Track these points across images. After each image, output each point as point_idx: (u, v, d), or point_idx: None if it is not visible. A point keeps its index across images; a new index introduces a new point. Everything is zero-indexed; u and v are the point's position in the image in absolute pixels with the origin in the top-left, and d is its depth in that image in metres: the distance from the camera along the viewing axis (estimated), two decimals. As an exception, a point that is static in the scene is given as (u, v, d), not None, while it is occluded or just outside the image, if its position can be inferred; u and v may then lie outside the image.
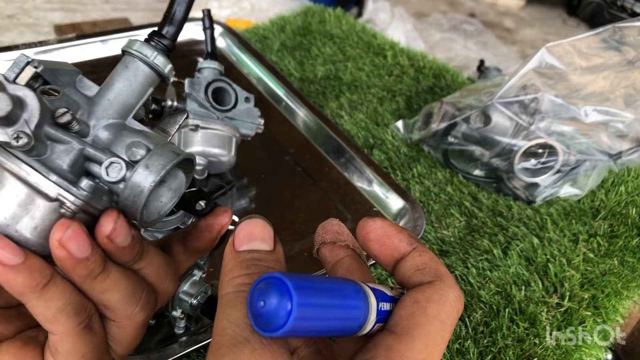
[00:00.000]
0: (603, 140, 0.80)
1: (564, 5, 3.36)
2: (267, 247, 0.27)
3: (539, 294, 0.65)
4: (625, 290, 0.71)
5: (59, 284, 0.31)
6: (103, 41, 0.92)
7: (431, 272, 0.29)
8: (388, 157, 0.84)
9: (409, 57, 1.06)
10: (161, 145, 0.33)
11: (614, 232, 0.76)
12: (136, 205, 0.32)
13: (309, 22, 1.12)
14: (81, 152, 0.32)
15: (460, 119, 0.79)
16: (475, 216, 0.76)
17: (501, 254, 0.69)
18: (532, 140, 0.75)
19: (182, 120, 0.38)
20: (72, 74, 0.35)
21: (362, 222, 0.32)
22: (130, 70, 0.35)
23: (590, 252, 0.72)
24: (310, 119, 0.86)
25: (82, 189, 0.31)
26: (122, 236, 0.31)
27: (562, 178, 0.79)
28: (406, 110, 0.94)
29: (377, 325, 0.27)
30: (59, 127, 0.32)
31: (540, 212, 0.77)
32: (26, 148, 0.29)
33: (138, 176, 0.32)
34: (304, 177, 0.79)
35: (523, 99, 0.76)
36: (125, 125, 0.34)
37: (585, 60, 0.79)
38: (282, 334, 0.22)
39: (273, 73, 0.93)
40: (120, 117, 0.35)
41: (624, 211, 0.79)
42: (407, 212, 0.74)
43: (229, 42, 1.00)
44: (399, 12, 2.32)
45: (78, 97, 0.34)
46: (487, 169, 0.81)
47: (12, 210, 0.30)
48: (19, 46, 0.83)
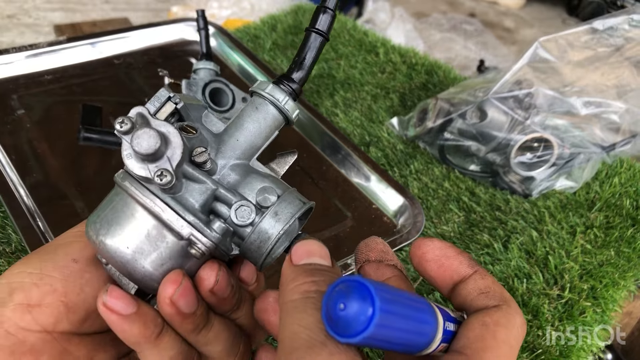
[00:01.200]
0: (596, 133, 0.81)
1: (564, 5, 3.38)
2: (326, 263, 0.27)
3: (540, 286, 0.66)
4: (622, 280, 0.72)
5: (170, 333, 0.31)
6: (92, 44, 0.91)
7: (497, 296, 0.29)
8: (385, 154, 0.84)
9: (400, 54, 1.06)
10: (289, 192, 0.33)
11: (610, 224, 0.77)
12: (261, 251, 0.31)
13: (300, 21, 1.11)
14: (214, 192, 0.32)
15: (455, 114, 0.79)
16: (473, 211, 0.76)
17: (502, 248, 0.70)
18: (528, 134, 0.76)
19: (293, 161, 0.37)
20: (200, 109, 0.35)
21: (419, 242, 0.31)
22: (261, 113, 0.35)
23: (587, 243, 0.73)
24: (306, 117, 0.86)
25: (214, 231, 0.31)
26: (224, 288, 0.31)
27: (558, 171, 0.79)
28: (400, 107, 0.94)
29: (441, 345, 0.26)
30: (195, 166, 0.31)
31: (538, 205, 0.77)
32: (168, 186, 0.29)
33: (266, 223, 0.31)
34: (302, 176, 0.79)
35: (518, 93, 0.77)
36: (251, 167, 0.34)
37: (578, 53, 0.80)
38: (361, 340, 0.21)
39: (266, 72, 0.93)
40: (245, 158, 0.34)
41: (619, 202, 0.80)
42: (407, 209, 0.74)
43: (221, 42, 1.00)
44: (399, 12, 2.32)
45: (207, 134, 0.34)
46: (483, 164, 0.82)
47: (138, 243, 0.30)
48: (9, 50, 0.81)
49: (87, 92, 0.83)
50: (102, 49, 0.91)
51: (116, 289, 0.29)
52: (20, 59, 0.82)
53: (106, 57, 0.92)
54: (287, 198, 0.32)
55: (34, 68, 0.83)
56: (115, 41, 0.93)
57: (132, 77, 0.89)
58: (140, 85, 0.88)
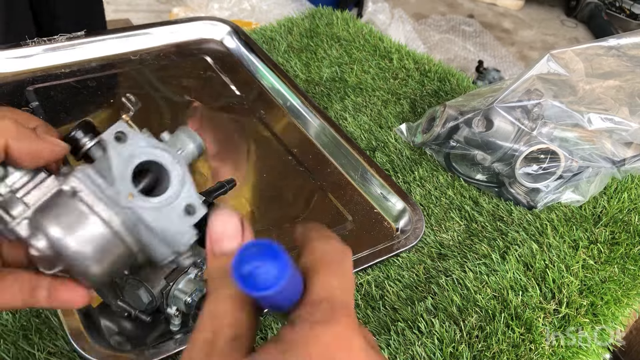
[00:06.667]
0: (607, 147, 0.79)
1: (562, 6, 3.36)
2: (235, 245, 0.28)
3: (536, 300, 0.65)
4: (626, 298, 0.70)
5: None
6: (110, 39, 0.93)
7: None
8: (390, 160, 0.84)
9: (414, 61, 1.06)
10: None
11: (615, 239, 0.75)
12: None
13: (317, 25, 1.12)
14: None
15: (462, 121, 0.79)
16: (475, 220, 0.76)
17: (499, 259, 0.69)
18: (534, 145, 0.75)
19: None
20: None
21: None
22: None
23: (590, 258, 0.72)
24: (315, 120, 0.87)
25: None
26: None
27: (564, 184, 0.78)
28: (410, 114, 0.94)
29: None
30: None
31: (541, 218, 0.76)
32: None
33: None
34: (305, 177, 0.80)
35: (526, 104, 0.76)
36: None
37: (590, 68, 0.78)
38: (273, 292, 0.24)
39: (279, 73, 0.94)
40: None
41: (626, 218, 0.78)
42: (408, 214, 0.74)
43: (236, 41, 1.01)
44: (399, 14, 2.32)
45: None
46: (488, 173, 0.81)
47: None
48: (28, 43, 0.84)
49: (101, 87, 0.86)
50: (120, 45, 0.93)
51: None
52: (39, 52, 0.85)
53: (123, 53, 0.94)
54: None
55: (51, 61, 0.85)
56: (132, 38, 0.95)
57: (146, 73, 0.91)
58: (153, 82, 0.89)
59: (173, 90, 0.89)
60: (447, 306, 0.64)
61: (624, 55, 0.78)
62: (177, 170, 0.35)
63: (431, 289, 0.66)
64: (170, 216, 0.34)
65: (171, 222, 0.34)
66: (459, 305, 0.64)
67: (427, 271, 0.68)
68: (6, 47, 0.83)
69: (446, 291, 0.65)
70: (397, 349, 0.59)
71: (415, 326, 0.61)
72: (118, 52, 0.93)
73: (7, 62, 0.83)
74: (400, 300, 0.65)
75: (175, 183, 0.35)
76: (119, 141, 0.34)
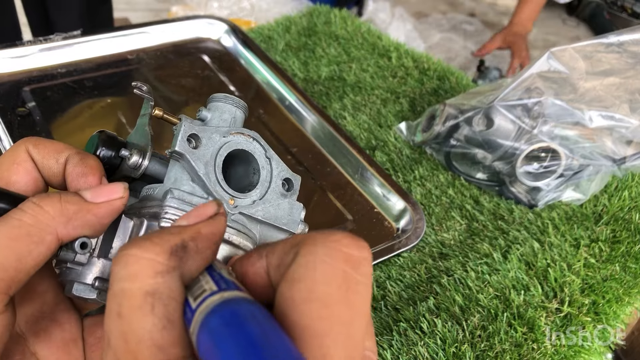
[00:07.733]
0: (607, 145, 0.79)
1: (563, 5, 3.36)
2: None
3: (538, 299, 0.65)
4: (627, 296, 0.70)
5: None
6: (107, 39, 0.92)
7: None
8: (390, 159, 0.83)
9: (413, 59, 1.05)
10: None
11: (617, 238, 0.75)
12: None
13: (315, 23, 1.12)
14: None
15: (462, 119, 0.78)
16: (476, 219, 0.75)
17: (501, 258, 0.69)
18: (534, 144, 0.75)
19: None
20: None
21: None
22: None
23: (591, 257, 0.72)
24: (314, 119, 0.86)
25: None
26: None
27: (565, 182, 0.78)
28: (410, 112, 0.94)
29: None
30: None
31: (542, 217, 0.76)
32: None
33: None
34: (305, 177, 0.79)
35: (526, 102, 0.76)
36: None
37: (591, 65, 0.78)
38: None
39: (277, 72, 0.93)
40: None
41: (627, 216, 0.78)
42: (408, 214, 0.73)
43: (234, 40, 1.00)
44: (399, 12, 2.31)
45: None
46: (489, 172, 0.81)
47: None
48: (24, 42, 0.83)
49: (98, 87, 0.85)
50: (116, 45, 0.93)
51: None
52: (34, 52, 0.84)
53: (120, 53, 0.93)
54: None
55: (47, 61, 0.85)
56: (129, 37, 0.94)
57: (143, 73, 0.90)
58: (150, 82, 0.89)
59: (171, 90, 0.88)
60: (450, 306, 0.63)
61: (624, 52, 0.77)
62: (258, 150, 0.31)
63: (433, 288, 0.66)
64: (274, 201, 0.30)
65: (278, 206, 0.31)
66: (461, 304, 0.63)
67: (429, 271, 0.68)
68: (2, 47, 0.82)
69: (448, 291, 0.65)
70: (400, 349, 0.59)
71: (417, 326, 0.61)
72: (115, 52, 0.92)
73: (2, 62, 0.82)
74: (402, 300, 0.64)
75: (263, 163, 0.31)
76: (196, 147, 0.29)
